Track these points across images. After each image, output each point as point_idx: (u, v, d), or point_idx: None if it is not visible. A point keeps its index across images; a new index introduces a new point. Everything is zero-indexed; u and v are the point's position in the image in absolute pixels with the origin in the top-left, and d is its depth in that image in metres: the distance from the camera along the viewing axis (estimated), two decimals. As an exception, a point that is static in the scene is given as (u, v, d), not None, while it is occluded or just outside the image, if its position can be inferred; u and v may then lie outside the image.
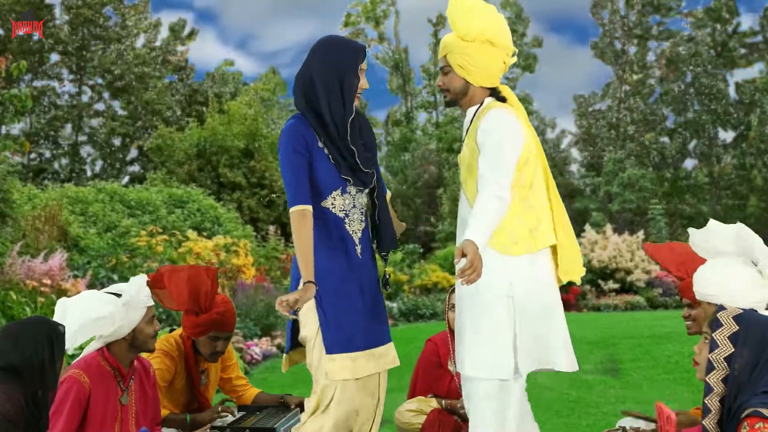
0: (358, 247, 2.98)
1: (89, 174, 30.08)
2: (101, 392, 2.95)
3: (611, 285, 18.71)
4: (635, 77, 34.91)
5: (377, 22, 35.61)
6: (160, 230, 12.25)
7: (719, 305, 2.49)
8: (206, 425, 3.37)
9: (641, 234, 20.46)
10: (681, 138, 34.48)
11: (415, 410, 3.96)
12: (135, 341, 3.05)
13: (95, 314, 2.93)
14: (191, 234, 12.35)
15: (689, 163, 34.98)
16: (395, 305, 14.34)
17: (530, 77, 36.39)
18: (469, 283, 2.65)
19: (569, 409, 5.92)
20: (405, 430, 3.96)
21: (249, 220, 18.93)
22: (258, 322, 9.55)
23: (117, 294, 3.04)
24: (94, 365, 2.99)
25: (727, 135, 34.43)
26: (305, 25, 58.64)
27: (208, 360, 3.56)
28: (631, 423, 3.28)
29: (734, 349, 2.37)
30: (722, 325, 2.42)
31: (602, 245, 19.67)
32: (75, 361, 3.05)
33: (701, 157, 34.31)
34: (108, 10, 30.02)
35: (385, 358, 2.97)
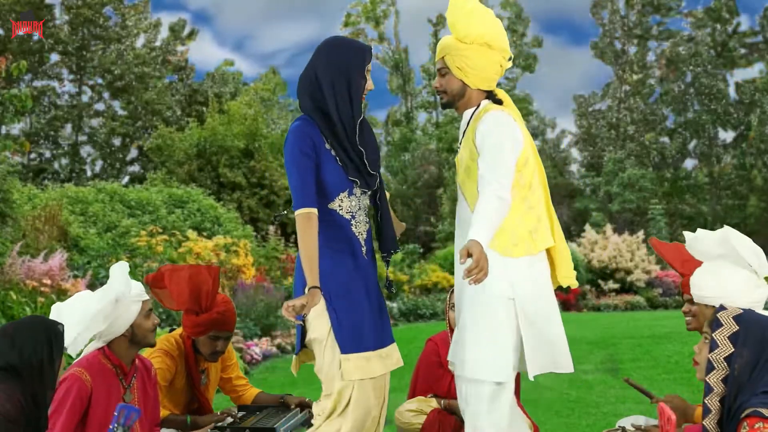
0: (363, 249, 2.98)
1: (89, 174, 30.09)
2: (103, 390, 2.95)
3: (611, 285, 18.70)
4: (635, 77, 34.92)
5: (377, 22, 35.61)
6: (160, 230, 12.25)
7: (719, 306, 2.50)
8: (207, 427, 3.37)
9: (641, 234, 20.46)
10: (681, 138, 34.49)
11: (415, 410, 3.96)
12: (135, 337, 3.06)
13: (89, 314, 2.94)
14: (191, 234, 12.35)
15: (689, 163, 35.03)
16: (395, 305, 14.35)
17: (528, 77, 36.39)
18: (477, 283, 2.65)
19: (569, 409, 5.92)
20: (405, 430, 3.96)
21: (249, 220, 18.92)
22: (258, 322, 9.56)
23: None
24: (96, 363, 3.00)
25: (727, 135, 34.48)
26: (301, 27, 58.87)
27: (209, 360, 3.56)
28: (632, 422, 3.29)
29: (734, 349, 2.37)
30: (722, 325, 2.42)
31: (602, 245, 19.66)
32: (76, 360, 3.05)
33: (701, 157, 34.32)
34: (108, 10, 30.03)
35: (391, 359, 2.96)
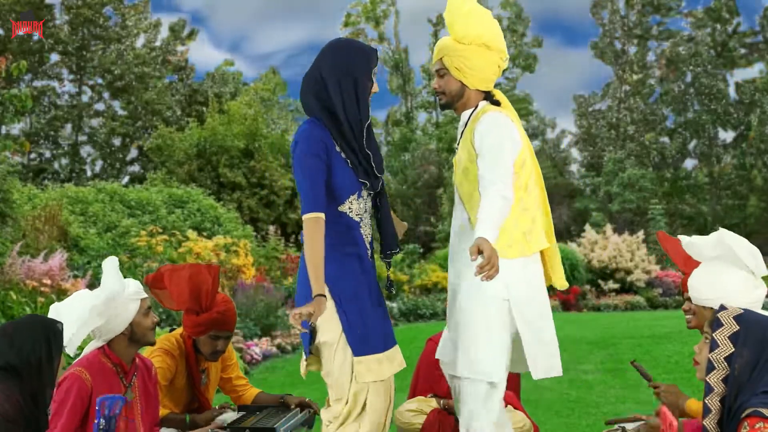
0: (369, 251, 3.00)
1: (89, 174, 30.09)
2: (104, 389, 2.95)
3: (611, 285, 18.69)
4: (635, 77, 34.92)
5: (377, 22, 35.62)
6: (160, 230, 12.25)
7: (720, 305, 2.50)
8: (206, 426, 3.37)
9: (641, 234, 20.45)
10: (681, 138, 34.49)
11: (415, 410, 3.96)
12: (134, 335, 3.06)
13: (86, 311, 2.94)
14: (191, 234, 12.35)
15: (689, 163, 35.04)
16: (395, 305, 14.34)
17: (526, 77, 36.37)
18: (489, 279, 2.65)
19: (569, 409, 5.92)
20: (405, 430, 3.96)
21: (249, 220, 18.91)
22: (258, 322, 9.55)
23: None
24: (96, 363, 3.00)
25: (727, 135, 34.50)
26: (297, 27, 58.99)
27: (209, 359, 3.55)
28: (632, 423, 3.29)
29: (734, 349, 2.37)
30: (723, 325, 2.42)
31: (602, 245, 19.65)
32: (76, 360, 3.05)
33: (701, 157, 34.32)
34: (108, 10, 30.04)
35: (396, 361, 2.96)
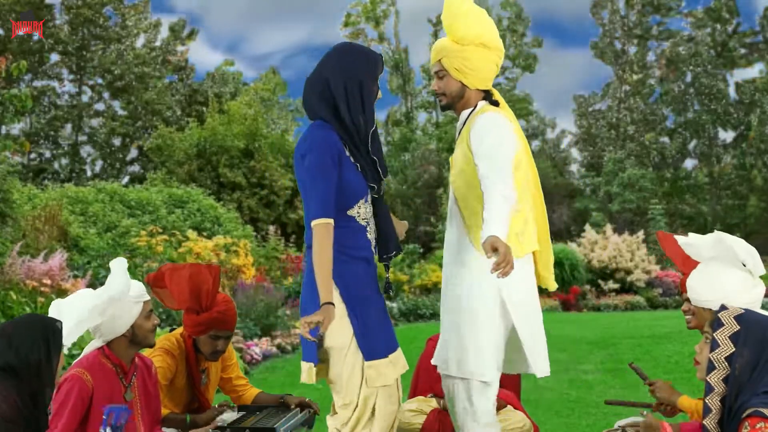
0: (375, 255, 3.01)
1: (89, 174, 30.10)
2: (104, 389, 2.95)
3: (611, 285, 18.70)
4: (635, 77, 34.93)
5: (377, 22, 35.63)
6: (160, 230, 12.25)
7: (721, 305, 2.50)
8: (206, 426, 3.36)
9: (641, 234, 20.46)
10: (681, 138, 34.50)
11: (415, 410, 3.96)
12: (135, 337, 3.06)
13: (86, 308, 2.94)
14: (191, 234, 12.35)
15: (689, 163, 35.05)
16: (395, 305, 14.34)
17: (525, 77, 36.35)
18: (505, 276, 2.66)
19: (569, 409, 5.92)
20: (405, 430, 3.96)
21: (249, 220, 18.91)
22: (258, 322, 9.55)
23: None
24: (96, 363, 2.99)
25: (727, 135, 34.50)
26: (293, 28, 59.11)
27: (209, 359, 3.55)
28: (632, 422, 3.29)
29: (735, 349, 2.37)
30: (723, 325, 2.42)
31: (602, 245, 19.65)
32: (76, 360, 3.05)
33: (701, 157, 34.33)
34: (108, 10, 30.04)
35: (399, 364, 2.96)
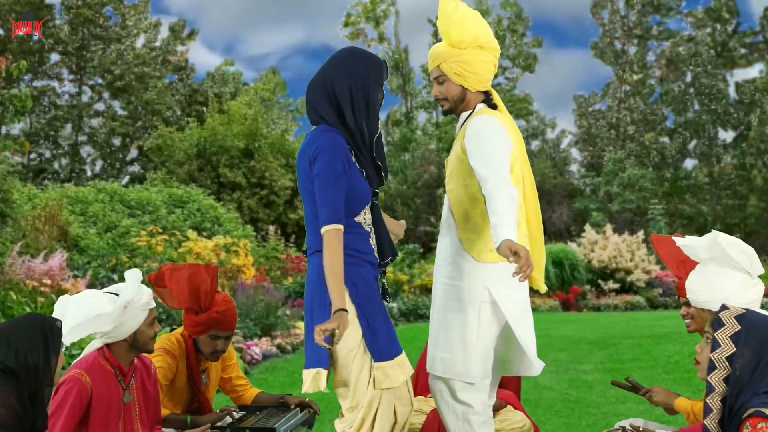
0: (377, 259, 3.02)
1: (89, 174, 30.09)
2: (103, 391, 2.95)
3: (611, 285, 18.69)
4: (635, 77, 34.91)
5: (377, 22, 35.62)
6: (160, 230, 12.25)
7: (722, 305, 2.49)
8: (204, 426, 3.36)
9: (641, 234, 20.45)
10: (681, 138, 34.49)
11: (416, 410, 3.95)
12: (136, 342, 3.05)
13: (95, 311, 2.92)
14: (191, 234, 12.35)
15: (689, 163, 35.03)
16: (395, 305, 14.35)
17: (526, 77, 36.34)
18: (526, 278, 2.68)
19: (569, 409, 5.92)
20: (405, 430, 3.96)
21: (249, 220, 18.91)
22: (258, 322, 9.54)
23: (117, 294, 3.04)
24: (96, 365, 2.98)
25: (727, 135, 34.48)
26: (288, 30, 59.12)
27: (209, 359, 3.55)
28: (631, 422, 3.29)
29: (736, 349, 2.37)
30: (724, 325, 2.42)
31: (602, 245, 19.65)
32: (76, 361, 3.04)
33: (701, 157, 34.32)
34: (108, 10, 30.04)
35: (406, 366, 2.98)
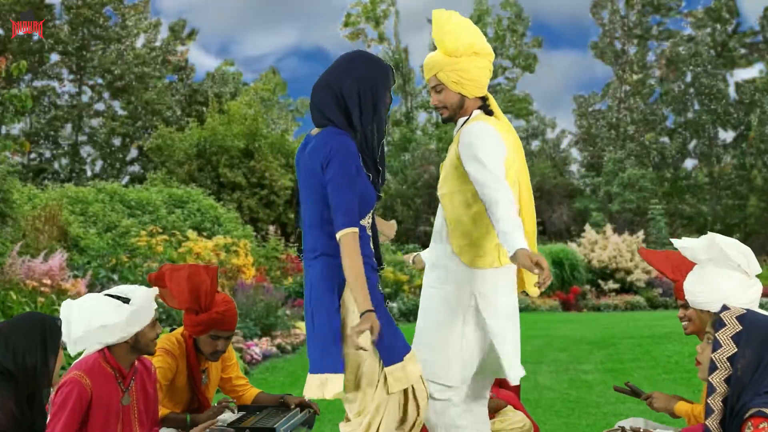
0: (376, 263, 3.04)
1: (89, 174, 30.09)
2: (103, 394, 2.94)
3: (611, 285, 18.70)
4: (635, 77, 34.91)
5: (377, 22, 35.62)
6: (160, 230, 12.24)
7: (722, 305, 2.49)
8: (206, 425, 3.35)
9: (641, 234, 20.45)
10: (681, 138, 34.49)
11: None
12: (137, 344, 3.03)
13: (100, 322, 2.91)
14: (191, 234, 12.34)
15: (689, 163, 35.03)
16: (395, 305, 14.34)
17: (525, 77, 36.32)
18: (545, 287, 2.76)
19: (569, 409, 5.92)
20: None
21: (249, 220, 18.91)
22: (258, 322, 9.54)
23: (122, 298, 3.02)
24: (96, 367, 2.97)
25: (727, 135, 34.49)
26: (282, 31, 59.21)
27: (209, 359, 3.55)
28: (632, 422, 3.29)
29: (737, 349, 2.37)
30: (725, 325, 2.42)
31: (602, 245, 19.65)
32: (76, 362, 3.03)
33: (701, 157, 34.32)
34: (108, 10, 30.04)
35: (416, 360, 2.99)
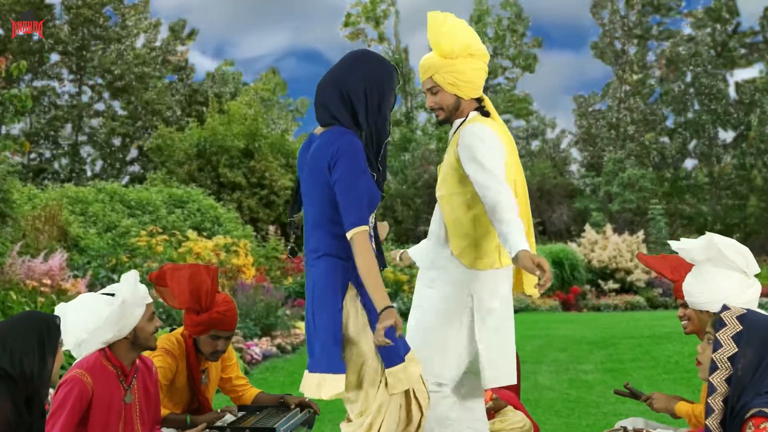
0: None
1: (89, 174, 30.08)
2: (104, 392, 2.94)
3: (611, 285, 18.70)
4: (635, 77, 34.90)
5: (377, 22, 35.61)
6: (160, 230, 12.24)
7: (722, 306, 2.49)
8: (201, 426, 3.36)
9: (641, 234, 20.45)
10: (681, 138, 34.48)
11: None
12: (137, 339, 3.04)
13: (94, 324, 2.92)
14: (191, 234, 12.34)
15: (689, 163, 35.02)
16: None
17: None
18: (545, 289, 2.78)
19: (569, 409, 5.91)
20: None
21: (249, 220, 18.92)
22: (258, 322, 9.54)
23: (110, 294, 3.03)
24: (97, 365, 2.97)
25: (727, 135, 34.47)
26: (278, 32, 59.26)
27: (209, 359, 3.55)
28: (632, 423, 3.29)
29: (737, 349, 2.36)
30: (726, 325, 2.41)
31: (602, 245, 19.65)
32: (77, 361, 3.03)
33: (701, 157, 34.31)
34: (108, 10, 30.03)
35: (416, 359, 2.97)
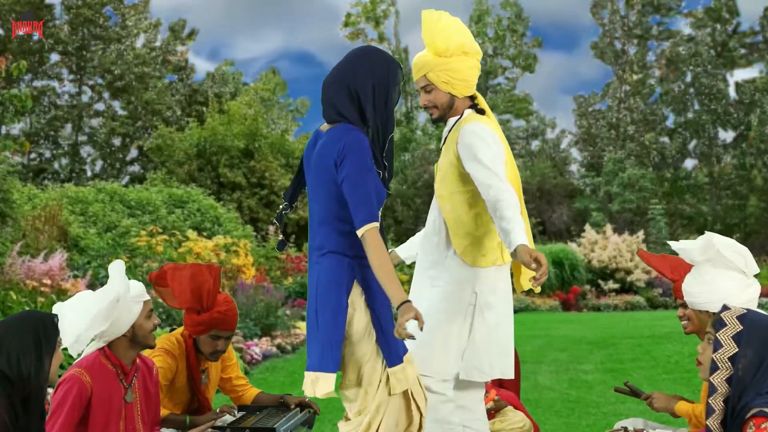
0: None
1: (89, 174, 30.07)
2: (104, 391, 2.94)
3: (611, 285, 18.69)
4: (635, 77, 34.89)
5: (377, 22, 35.61)
6: (160, 230, 12.25)
7: (723, 306, 2.49)
8: (205, 427, 3.36)
9: (641, 234, 20.45)
10: (681, 138, 34.47)
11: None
12: (135, 337, 3.04)
13: (89, 319, 2.92)
14: (191, 234, 12.35)
15: (689, 163, 35.00)
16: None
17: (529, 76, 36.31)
18: (540, 283, 2.77)
19: (569, 409, 5.92)
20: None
21: (249, 220, 18.93)
22: (258, 322, 9.54)
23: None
24: (96, 364, 2.98)
25: (727, 135, 34.45)
26: (271, 34, 59.38)
27: (209, 359, 3.55)
28: (632, 423, 3.29)
29: (738, 349, 2.36)
30: (726, 325, 2.41)
31: (602, 245, 19.64)
32: (76, 361, 3.04)
33: (701, 157, 34.30)
34: (108, 10, 30.02)
35: (413, 361, 2.98)
